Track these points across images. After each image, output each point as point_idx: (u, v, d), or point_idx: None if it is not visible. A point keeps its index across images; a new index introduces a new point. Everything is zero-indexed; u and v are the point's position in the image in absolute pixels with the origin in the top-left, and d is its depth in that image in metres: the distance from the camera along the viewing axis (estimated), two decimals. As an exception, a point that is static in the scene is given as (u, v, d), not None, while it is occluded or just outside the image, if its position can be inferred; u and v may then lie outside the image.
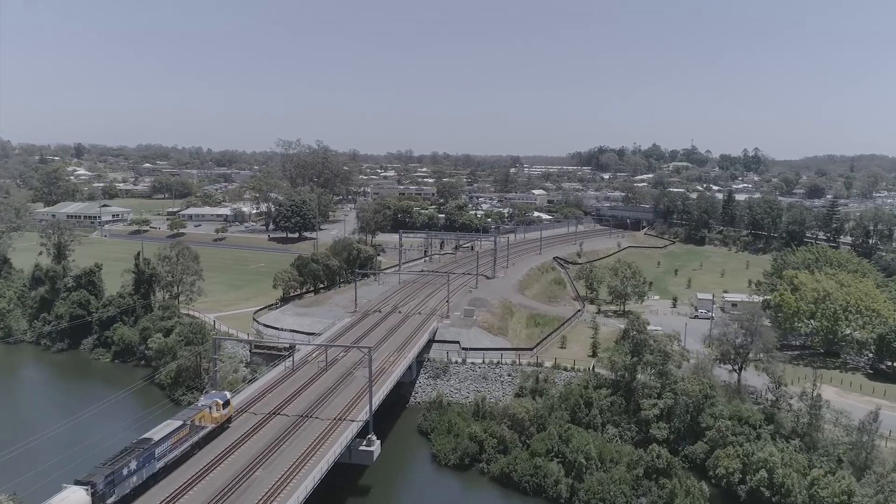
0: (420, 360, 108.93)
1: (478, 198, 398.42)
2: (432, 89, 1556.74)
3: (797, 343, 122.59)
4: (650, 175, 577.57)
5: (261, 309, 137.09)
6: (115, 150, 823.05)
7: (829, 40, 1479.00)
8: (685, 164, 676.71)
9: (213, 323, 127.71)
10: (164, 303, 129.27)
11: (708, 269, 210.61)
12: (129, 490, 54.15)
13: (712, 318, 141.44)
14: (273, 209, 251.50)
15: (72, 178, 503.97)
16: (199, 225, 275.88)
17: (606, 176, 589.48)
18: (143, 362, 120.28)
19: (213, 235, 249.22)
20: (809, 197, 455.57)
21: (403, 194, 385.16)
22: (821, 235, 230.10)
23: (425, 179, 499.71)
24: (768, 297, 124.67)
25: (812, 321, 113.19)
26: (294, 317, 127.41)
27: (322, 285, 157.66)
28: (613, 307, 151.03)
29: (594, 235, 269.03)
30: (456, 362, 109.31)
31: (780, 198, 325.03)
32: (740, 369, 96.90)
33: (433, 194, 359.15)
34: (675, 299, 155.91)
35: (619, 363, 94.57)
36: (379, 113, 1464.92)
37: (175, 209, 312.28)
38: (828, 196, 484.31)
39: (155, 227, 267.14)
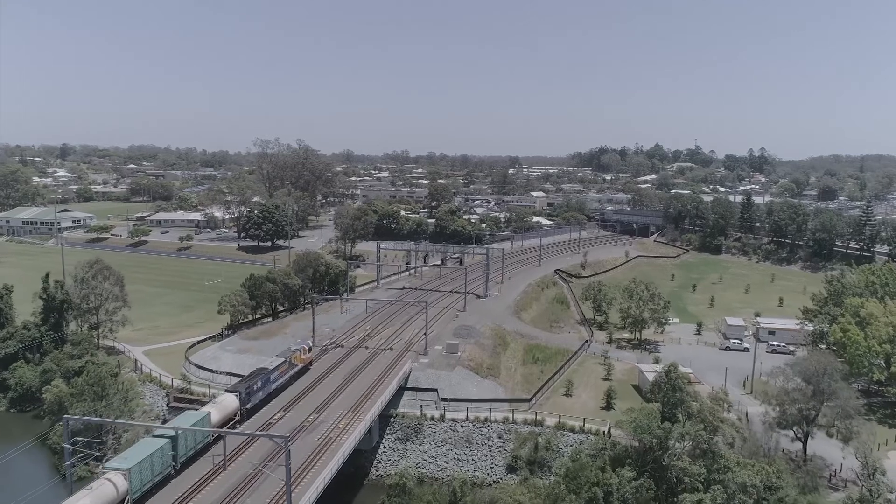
0: (386, 416, 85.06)
1: (473, 200, 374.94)
2: (431, 90, 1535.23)
3: (858, 386, 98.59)
4: (654, 176, 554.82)
5: (201, 340, 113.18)
6: (102, 150, 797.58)
7: (833, 40, 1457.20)
8: (689, 164, 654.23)
9: (135, 362, 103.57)
10: (76, 336, 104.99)
11: (729, 283, 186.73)
12: (257, 401, 74.44)
13: (747, 349, 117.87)
14: (244, 214, 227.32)
15: (50, 179, 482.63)
16: (167, 232, 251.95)
17: (608, 177, 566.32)
18: (42, 413, 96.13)
19: (178, 244, 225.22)
20: (821, 199, 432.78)
21: (394, 197, 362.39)
22: (852, 244, 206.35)
23: (420, 181, 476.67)
24: (824, 329, 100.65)
25: (885, 362, 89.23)
26: (235, 354, 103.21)
27: (282, 308, 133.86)
28: (627, 334, 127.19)
29: (599, 243, 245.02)
30: (432, 419, 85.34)
31: (790, 199, 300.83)
32: (806, 438, 72.99)
33: (425, 197, 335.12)
34: (699, 324, 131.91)
35: (645, 427, 70.69)
36: (377, 114, 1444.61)
37: (145, 214, 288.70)
38: (840, 198, 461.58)
39: (117, 235, 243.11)
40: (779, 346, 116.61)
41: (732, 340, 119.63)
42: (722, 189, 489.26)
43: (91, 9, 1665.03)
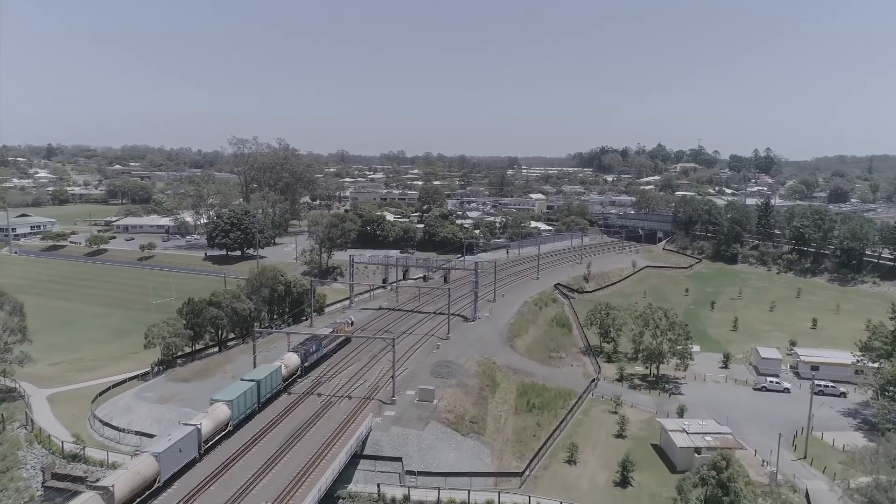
0: (333, 496, 64.44)
1: (469, 203, 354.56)
2: (430, 90, 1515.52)
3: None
4: (657, 177, 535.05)
5: (119, 382, 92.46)
6: (89, 150, 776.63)
7: (834, 40, 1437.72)
8: (693, 165, 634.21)
9: (25, 414, 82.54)
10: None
11: (750, 299, 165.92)
12: (313, 361, 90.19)
13: (787, 390, 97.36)
14: (212, 220, 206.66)
15: (30, 180, 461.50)
16: (133, 238, 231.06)
17: (610, 178, 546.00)
18: None
19: (140, 253, 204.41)
20: (832, 201, 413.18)
21: (385, 199, 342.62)
22: (885, 253, 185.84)
23: (415, 182, 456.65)
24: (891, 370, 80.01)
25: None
26: (154, 404, 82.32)
27: (232, 335, 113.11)
28: (640, 368, 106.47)
29: (603, 250, 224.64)
30: (393, 501, 64.76)
31: (813, 203, 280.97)
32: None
33: (418, 199, 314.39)
34: (726, 356, 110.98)
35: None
36: (377, 115, 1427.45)
37: (112, 218, 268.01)
38: (853, 200, 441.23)
39: (76, 242, 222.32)
40: (826, 386, 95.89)
41: (769, 379, 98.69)
42: (728, 191, 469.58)
43: (89, 8, 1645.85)
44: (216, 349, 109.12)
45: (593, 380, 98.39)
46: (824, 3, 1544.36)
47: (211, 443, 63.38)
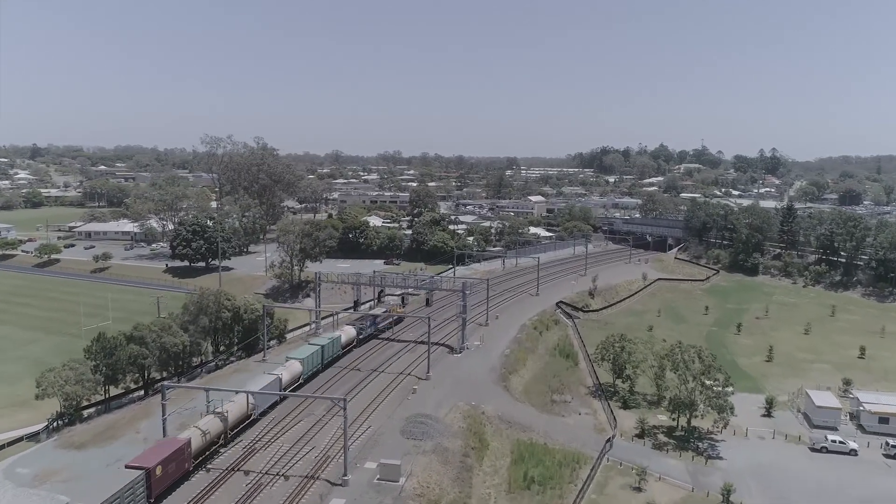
0: None
1: (465, 205, 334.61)
2: (428, 90, 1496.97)
3: None
4: (660, 178, 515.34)
5: (1, 447, 72.09)
6: (75, 150, 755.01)
7: (834, 40, 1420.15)
8: (696, 165, 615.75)
9: None
10: None
11: (779, 318, 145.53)
12: (366, 335, 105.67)
13: (854, 452, 76.82)
14: (176, 227, 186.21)
15: (7, 182, 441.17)
16: (93, 246, 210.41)
17: (612, 179, 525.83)
18: None
19: (94, 264, 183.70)
20: (843, 203, 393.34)
21: (375, 202, 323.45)
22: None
23: (410, 183, 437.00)
24: None
25: None
26: (21, 488, 61.36)
27: (163, 375, 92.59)
28: (665, 417, 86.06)
29: (608, 260, 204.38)
30: None
31: (842, 208, 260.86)
32: None
33: (409, 203, 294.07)
34: (769, 401, 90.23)
35: None
36: (378, 115, 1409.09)
37: (76, 224, 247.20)
38: (865, 203, 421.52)
39: (27, 252, 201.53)
40: (904, 447, 75.44)
41: (830, 438, 78.02)
42: (735, 192, 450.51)
43: (90, 8, 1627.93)
44: (142, 391, 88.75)
45: (608, 439, 77.62)
46: (823, 3, 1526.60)
47: (288, 390, 78.05)
